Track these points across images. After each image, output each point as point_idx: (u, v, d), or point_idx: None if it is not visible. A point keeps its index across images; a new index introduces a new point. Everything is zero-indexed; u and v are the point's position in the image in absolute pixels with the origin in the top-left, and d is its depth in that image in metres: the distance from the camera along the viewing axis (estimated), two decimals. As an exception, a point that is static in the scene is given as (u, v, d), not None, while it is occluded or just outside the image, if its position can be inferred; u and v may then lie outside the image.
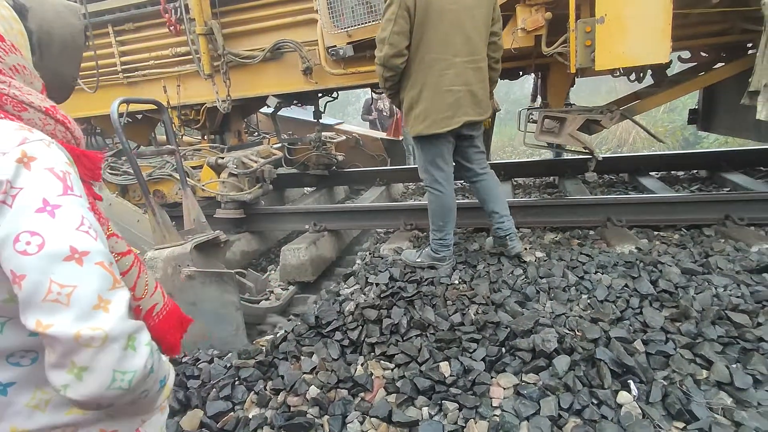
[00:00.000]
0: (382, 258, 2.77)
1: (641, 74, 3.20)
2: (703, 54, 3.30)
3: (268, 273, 3.46)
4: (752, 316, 1.79)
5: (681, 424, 1.46)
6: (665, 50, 2.33)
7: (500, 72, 2.50)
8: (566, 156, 4.87)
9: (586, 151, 2.91)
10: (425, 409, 1.64)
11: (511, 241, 2.49)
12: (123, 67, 3.73)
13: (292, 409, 1.75)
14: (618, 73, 3.09)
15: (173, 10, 3.32)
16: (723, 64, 3.07)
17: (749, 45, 3.04)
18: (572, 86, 3.82)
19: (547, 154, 6.08)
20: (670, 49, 2.33)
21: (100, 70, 3.61)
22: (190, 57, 3.44)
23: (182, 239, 2.32)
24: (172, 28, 3.37)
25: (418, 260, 2.54)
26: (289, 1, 3.27)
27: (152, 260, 2.22)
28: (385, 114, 7.29)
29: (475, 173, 2.53)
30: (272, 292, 3.00)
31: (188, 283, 2.19)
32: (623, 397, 1.55)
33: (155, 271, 2.25)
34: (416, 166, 2.58)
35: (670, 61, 2.69)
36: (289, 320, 2.58)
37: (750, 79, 2.38)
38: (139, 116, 4.28)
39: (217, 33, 3.25)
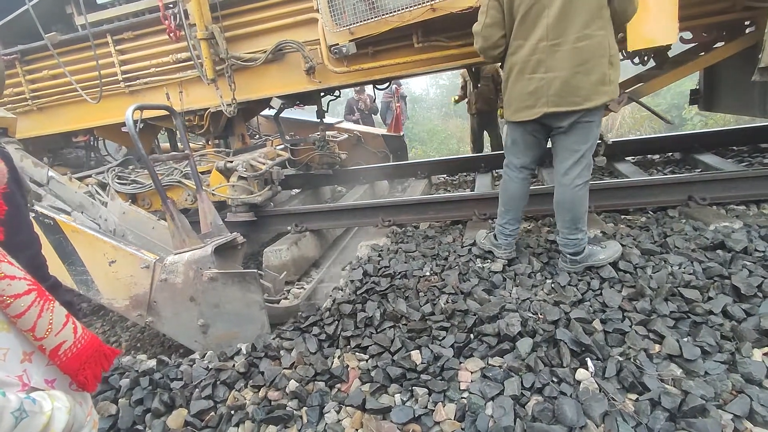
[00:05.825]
0: (358, 255, 2.84)
1: (645, 57, 3.15)
2: (704, 34, 3.26)
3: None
4: (703, 291, 1.88)
5: (634, 396, 1.55)
6: (674, 31, 2.32)
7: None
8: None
9: None
10: (397, 396, 1.71)
11: (562, 260, 2.27)
12: (124, 76, 3.72)
13: (272, 403, 1.83)
14: (622, 57, 3.02)
15: (172, 17, 3.29)
16: (723, 43, 3.05)
17: (747, 23, 3.03)
18: None
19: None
20: (678, 29, 2.32)
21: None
22: (192, 63, 3.42)
23: (201, 243, 2.34)
24: (172, 34, 3.34)
25: (483, 241, 2.53)
26: (289, 2, 3.25)
27: (173, 264, 2.24)
28: (367, 113, 7.36)
29: (558, 173, 2.20)
30: (289, 291, 2.99)
31: (210, 285, 2.21)
32: (581, 374, 1.63)
33: (176, 275, 2.25)
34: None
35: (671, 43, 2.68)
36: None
37: (759, 56, 2.38)
38: (142, 124, 4.29)
39: (218, 37, 3.22)
